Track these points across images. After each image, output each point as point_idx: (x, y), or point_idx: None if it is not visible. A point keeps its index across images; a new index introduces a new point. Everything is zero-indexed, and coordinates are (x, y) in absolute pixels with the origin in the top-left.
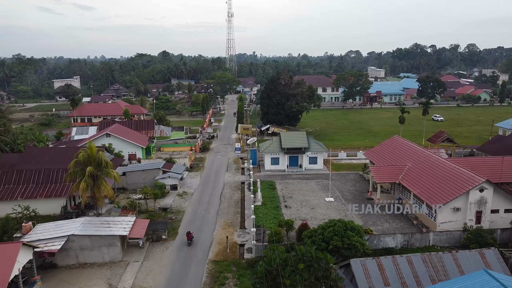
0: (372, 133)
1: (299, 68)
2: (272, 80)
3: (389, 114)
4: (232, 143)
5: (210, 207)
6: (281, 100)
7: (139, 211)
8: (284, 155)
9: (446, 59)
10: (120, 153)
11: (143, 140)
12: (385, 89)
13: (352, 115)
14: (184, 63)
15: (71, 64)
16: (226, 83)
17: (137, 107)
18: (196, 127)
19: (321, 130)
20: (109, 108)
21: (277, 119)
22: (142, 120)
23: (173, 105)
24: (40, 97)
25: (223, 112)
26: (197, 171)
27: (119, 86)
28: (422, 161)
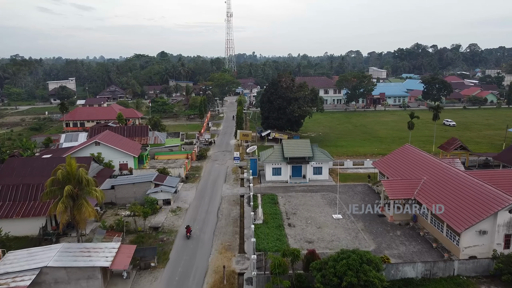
0: (378, 139)
1: (299, 69)
2: (273, 82)
3: (394, 117)
4: (230, 150)
5: (206, 225)
6: (283, 104)
7: (128, 230)
8: (286, 165)
9: (448, 59)
10: (110, 163)
11: (135, 149)
12: (389, 91)
13: (355, 118)
14: (182, 64)
15: (68, 65)
16: (225, 84)
17: (132, 110)
18: (193, 132)
19: (324, 135)
20: (102, 112)
21: (278, 124)
22: (135, 126)
23: (169, 108)
24: (34, 99)
25: (221, 115)
26: (192, 182)
27: (115, 87)
28: (439, 175)
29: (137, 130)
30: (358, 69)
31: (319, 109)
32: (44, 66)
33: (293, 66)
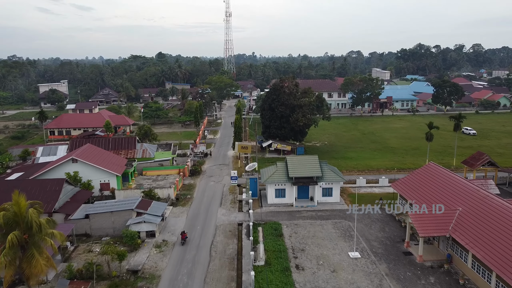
0: (390, 149)
1: (300, 70)
2: (275, 88)
3: (403, 124)
4: (228, 163)
5: (196, 268)
6: (285, 112)
7: (100, 276)
8: (291, 186)
9: (452, 60)
10: (89, 183)
11: (119, 165)
12: (396, 94)
13: (362, 125)
14: (179, 65)
15: (62, 66)
16: (223, 88)
17: (122, 117)
18: (187, 141)
19: (330, 145)
20: (90, 118)
21: (280, 133)
22: (121, 138)
23: (164, 113)
24: (24, 103)
25: (219, 121)
26: (183, 205)
27: (109, 90)
28: (479, 205)
29: (124, 142)
30: (360, 69)
31: (326, 117)
32: (38, 67)
33: (294, 67)
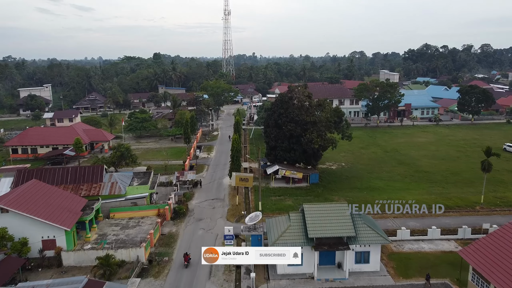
0: (424, 174)
1: (304, 72)
2: (282, 100)
3: (429, 137)
4: (223, 197)
5: None
6: (296, 131)
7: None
8: (311, 250)
9: (461, 60)
10: (25, 243)
11: (71, 213)
12: (414, 100)
13: (381, 138)
14: (173, 68)
15: (51, 68)
16: (220, 94)
17: (99, 131)
18: (175, 162)
19: (349, 168)
20: (60, 134)
21: (289, 157)
22: (84, 167)
23: (151, 125)
24: (3, 110)
25: (215, 133)
26: (157, 275)
27: (95, 96)
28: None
29: (87, 172)
30: (365, 71)
31: (346, 137)
32: (27, 69)
33: (297, 69)
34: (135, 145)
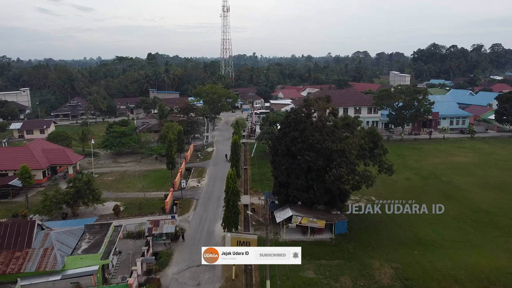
0: (484, 214)
1: (309, 74)
2: (296, 118)
3: (469, 155)
4: (215, 267)
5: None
6: (317, 163)
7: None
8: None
9: (472, 61)
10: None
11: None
12: (441, 109)
13: (410, 156)
14: (166, 69)
15: (36, 69)
16: (217, 100)
17: (62, 151)
18: (155, 194)
19: (382, 205)
20: (12, 156)
21: (306, 197)
22: (7, 224)
23: (131, 140)
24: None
25: (210, 149)
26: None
27: (77, 101)
28: None
29: (10, 233)
30: (371, 72)
31: (385, 170)
32: (13, 71)
33: (300, 70)
34: (110, 165)
